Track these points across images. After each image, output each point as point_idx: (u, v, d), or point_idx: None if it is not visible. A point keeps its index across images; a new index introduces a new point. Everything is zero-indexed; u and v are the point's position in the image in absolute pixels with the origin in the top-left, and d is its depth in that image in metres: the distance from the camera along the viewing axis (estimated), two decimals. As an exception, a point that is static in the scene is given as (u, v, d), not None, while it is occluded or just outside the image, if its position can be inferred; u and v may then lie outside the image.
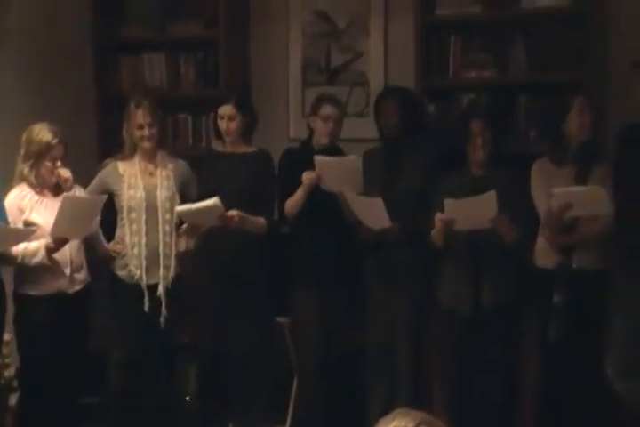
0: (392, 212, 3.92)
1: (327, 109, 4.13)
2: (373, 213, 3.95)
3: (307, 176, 4.02)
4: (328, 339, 4.20)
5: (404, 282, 4.11)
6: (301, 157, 4.13)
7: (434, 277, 4.03)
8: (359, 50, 4.82)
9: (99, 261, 4.12)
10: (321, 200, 4.05)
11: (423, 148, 4.19)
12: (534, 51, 4.37)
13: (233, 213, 3.96)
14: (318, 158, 3.97)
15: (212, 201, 3.88)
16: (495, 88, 4.45)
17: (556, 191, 3.60)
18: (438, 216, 3.74)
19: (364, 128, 4.49)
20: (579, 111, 3.73)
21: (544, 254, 3.81)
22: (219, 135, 4.24)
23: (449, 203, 3.67)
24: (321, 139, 4.18)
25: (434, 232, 3.84)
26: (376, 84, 4.72)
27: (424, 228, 3.91)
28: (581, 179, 3.72)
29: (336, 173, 3.96)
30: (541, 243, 3.83)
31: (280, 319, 4.34)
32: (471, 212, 3.65)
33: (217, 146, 4.33)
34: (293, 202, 4.10)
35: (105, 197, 3.92)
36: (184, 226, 4.04)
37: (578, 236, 3.73)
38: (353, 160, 3.98)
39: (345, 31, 4.85)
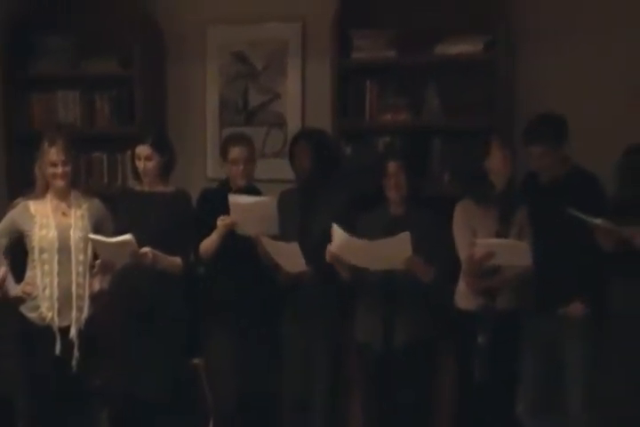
0: (308, 254, 3.94)
1: (234, 152, 4.16)
2: (289, 257, 3.97)
3: (221, 222, 4.01)
4: (244, 382, 4.17)
5: (319, 322, 4.12)
6: (219, 197, 4.12)
7: (348, 317, 4.05)
8: (277, 91, 4.86)
9: (7, 303, 4.01)
10: (237, 242, 4.04)
11: (338, 190, 4.23)
12: (447, 95, 4.46)
13: (145, 250, 3.92)
14: (233, 198, 3.97)
15: (125, 237, 3.84)
16: (410, 131, 4.54)
17: (478, 242, 3.68)
18: (328, 248, 3.79)
19: (282, 169, 4.51)
20: (500, 149, 3.82)
21: (465, 297, 3.87)
22: (136, 175, 4.20)
23: (366, 244, 3.71)
24: (236, 181, 4.20)
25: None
26: (293, 125, 4.76)
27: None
28: (504, 220, 3.80)
29: (251, 214, 3.96)
30: (462, 286, 3.89)
31: (195, 361, 4.29)
32: (385, 253, 3.70)
33: (134, 185, 4.29)
34: (208, 244, 4.09)
35: None
36: (97, 263, 3.98)
37: (499, 280, 3.79)
38: (268, 201, 3.99)
39: (262, 72, 4.88)
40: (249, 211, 3.95)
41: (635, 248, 3.44)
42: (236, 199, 3.97)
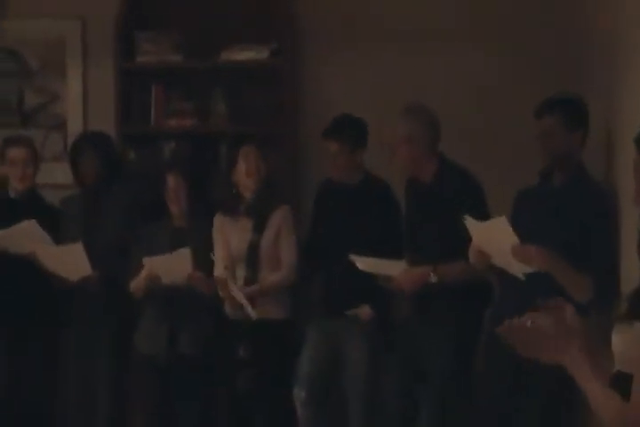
0: (92, 261, 3.83)
1: (12, 153, 3.98)
2: (72, 262, 3.83)
3: None
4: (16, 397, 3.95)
5: (101, 333, 4.00)
6: None
7: (133, 327, 3.94)
8: (55, 92, 4.63)
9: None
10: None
11: (123, 196, 4.12)
12: (234, 101, 4.44)
13: None
14: None
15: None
16: (196, 137, 4.48)
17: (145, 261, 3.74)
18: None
19: (61, 173, 4.32)
20: (244, 160, 3.83)
21: (230, 305, 3.84)
22: None
23: (146, 261, 3.76)
24: (16, 185, 3.97)
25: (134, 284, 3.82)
26: (74, 128, 4.55)
27: (124, 277, 3.86)
28: (257, 229, 3.83)
29: (19, 237, 3.79)
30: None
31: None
32: (170, 267, 3.75)
33: None
34: None
35: None
36: None
37: (255, 290, 3.81)
38: (28, 224, 3.82)
39: (39, 72, 4.64)
40: (14, 235, 3.78)
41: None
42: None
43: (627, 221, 3.05)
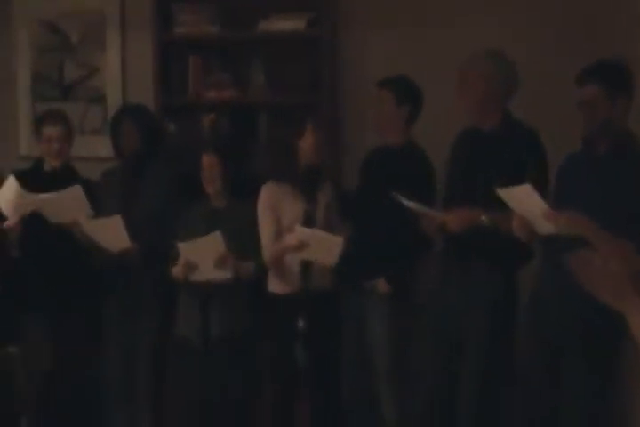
0: (132, 233, 3.82)
1: (48, 131, 3.98)
2: (111, 234, 3.83)
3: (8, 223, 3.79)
4: (62, 369, 3.98)
5: (142, 310, 4.01)
6: (32, 179, 3.91)
7: (173, 307, 3.94)
8: (95, 65, 4.65)
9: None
10: (47, 229, 3.85)
11: (162, 169, 4.11)
12: (272, 72, 4.42)
13: None
14: (33, 199, 3.75)
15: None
16: (235, 108, 4.46)
17: (297, 229, 3.62)
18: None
19: (101, 146, 4.35)
20: (312, 132, 3.76)
21: (278, 282, 3.82)
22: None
23: (180, 247, 3.71)
24: (50, 161, 4.01)
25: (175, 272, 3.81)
26: (113, 101, 4.57)
27: (165, 253, 3.83)
28: (310, 199, 3.77)
29: (62, 204, 3.78)
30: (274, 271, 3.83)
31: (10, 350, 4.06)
32: (202, 252, 3.69)
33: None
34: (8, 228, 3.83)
35: None
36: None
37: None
38: (74, 189, 3.79)
39: (78, 45, 4.66)
40: (55, 203, 3.77)
41: (450, 233, 3.43)
42: (39, 197, 3.76)
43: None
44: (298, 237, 3.60)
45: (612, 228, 2.80)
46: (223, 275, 3.73)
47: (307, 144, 3.76)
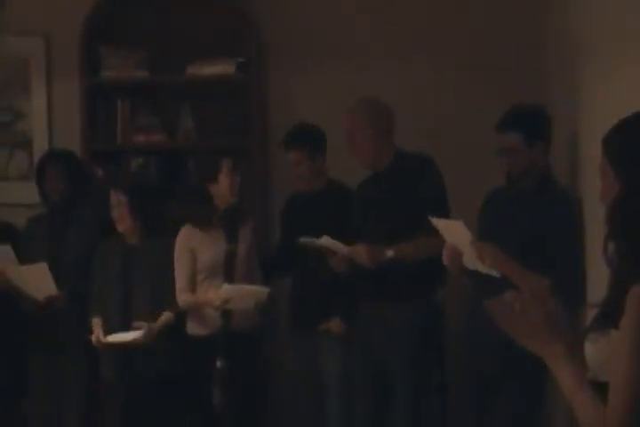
0: (59, 280, 3.79)
1: None
2: (38, 282, 3.78)
3: None
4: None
5: (69, 355, 3.97)
6: None
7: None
8: (20, 110, 4.57)
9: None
10: None
11: (89, 215, 4.09)
12: (202, 116, 4.42)
13: None
14: None
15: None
16: (164, 152, 4.45)
17: (223, 288, 3.66)
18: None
19: (27, 192, 4.25)
20: (226, 173, 3.80)
21: (193, 323, 3.83)
22: None
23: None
24: None
25: None
26: (40, 146, 4.49)
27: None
28: (232, 239, 3.79)
29: None
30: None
31: None
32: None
33: None
34: None
35: None
36: None
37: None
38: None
39: (3, 90, 4.58)
40: None
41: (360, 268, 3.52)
42: None
43: (592, 227, 3.04)
44: (222, 295, 3.63)
45: (529, 260, 2.87)
46: (137, 335, 3.73)
47: (222, 187, 3.79)
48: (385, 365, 3.58)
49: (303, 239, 3.56)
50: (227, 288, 3.66)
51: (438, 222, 3.11)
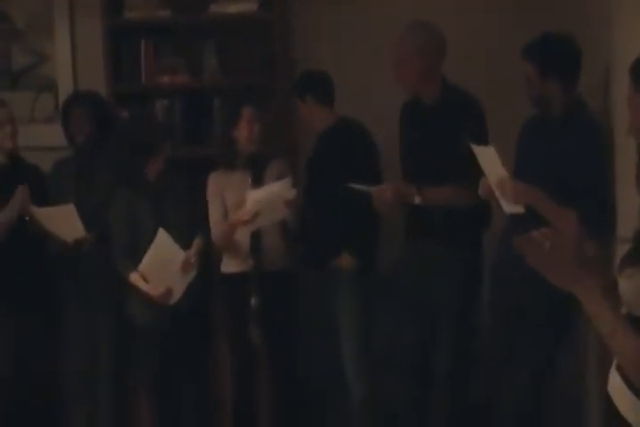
0: (86, 222, 3.80)
1: None
2: (65, 223, 3.79)
3: None
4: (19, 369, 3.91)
5: (101, 299, 3.98)
6: None
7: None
8: (44, 52, 4.55)
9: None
10: None
11: (116, 157, 4.02)
12: (226, 55, 4.37)
13: None
14: None
15: None
16: (189, 92, 4.40)
17: (248, 195, 3.64)
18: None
19: (53, 135, 4.24)
20: (247, 122, 3.79)
21: (227, 261, 3.84)
22: None
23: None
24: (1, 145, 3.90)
25: None
26: (65, 88, 4.47)
27: None
28: (257, 181, 3.78)
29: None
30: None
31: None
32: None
33: None
34: None
35: None
36: None
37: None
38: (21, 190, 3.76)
39: (26, 32, 4.56)
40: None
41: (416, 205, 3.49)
42: None
43: (623, 157, 2.98)
44: (250, 207, 3.61)
45: (560, 193, 2.81)
46: (191, 276, 3.73)
47: (242, 135, 3.78)
48: (429, 307, 3.57)
49: (353, 185, 3.49)
50: (251, 196, 3.64)
51: (477, 150, 3.10)
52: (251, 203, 3.64)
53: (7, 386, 3.88)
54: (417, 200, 3.43)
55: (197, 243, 3.82)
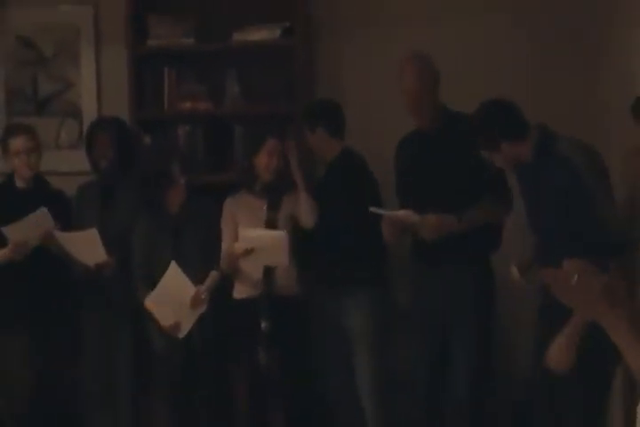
0: (108, 247, 3.84)
1: (16, 143, 3.94)
2: (87, 248, 3.83)
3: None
4: (39, 387, 3.95)
5: (117, 324, 4.02)
6: (2, 195, 3.94)
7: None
8: (70, 79, 4.64)
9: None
10: None
11: (137, 182, 4.09)
12: (248, 83, 4.42)
13: None
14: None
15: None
16: (211, 119, 4.46)
17: (240, 233, 3.74)
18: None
19: (78, 161, 4.31)
20: (267, 153, 3.84)
21: (239, 286, 3.89)
22: None
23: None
24: (22, 173, 3.98)
25: None
26: (89, 115, 4.55)
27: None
28: (272, 208, 3.85)
29: (32, 226, 3.78)
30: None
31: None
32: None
33: None
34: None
35: None
36: None
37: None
38: (41, 213, 3.80)
39: (52, 59, 4.64)
40: (24, 226, 3.77)
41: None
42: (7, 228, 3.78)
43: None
44: (242, 244, 3.71)
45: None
46: (201, 311, 3.78)
47: (261, 163, 3.84)
48: (445, 329, 3.61)
49: (374, 209, 3.54)
50: (243, 233, 3.73)
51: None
52: (241, 238, 3.74)
53: (29, 409, 3.92)
54: (462, 226, 3.47)
55: (213, 276, 3.86)
